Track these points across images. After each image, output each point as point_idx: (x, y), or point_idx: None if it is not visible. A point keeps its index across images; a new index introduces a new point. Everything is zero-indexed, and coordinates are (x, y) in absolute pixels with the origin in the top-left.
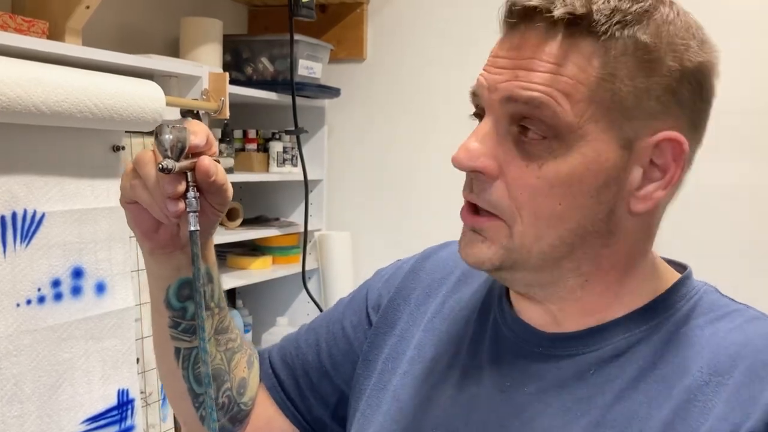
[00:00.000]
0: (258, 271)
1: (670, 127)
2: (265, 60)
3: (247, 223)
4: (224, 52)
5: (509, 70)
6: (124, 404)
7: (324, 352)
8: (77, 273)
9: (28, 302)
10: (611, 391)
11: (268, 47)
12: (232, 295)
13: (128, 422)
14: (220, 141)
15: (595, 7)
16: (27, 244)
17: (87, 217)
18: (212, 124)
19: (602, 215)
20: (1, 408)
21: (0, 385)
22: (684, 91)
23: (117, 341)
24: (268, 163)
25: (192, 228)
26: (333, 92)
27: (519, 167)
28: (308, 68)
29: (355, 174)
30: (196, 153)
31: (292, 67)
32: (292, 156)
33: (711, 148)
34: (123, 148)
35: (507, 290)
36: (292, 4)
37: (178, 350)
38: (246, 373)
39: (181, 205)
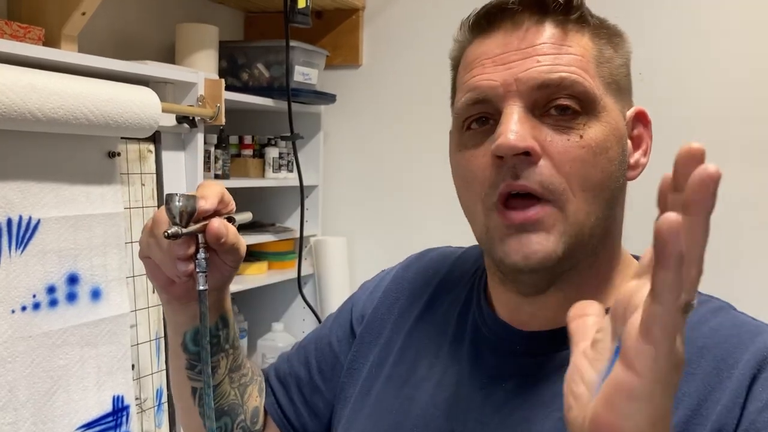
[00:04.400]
0: (253, 276)
1: (632, 102)
2: (260, 66)
3: (243, 228)
4: (220, 59)
5: (520, 60)
6: (119, 410)
7: (314, 368)
8: (72, 279)
9: (23, 309)
10: None
11: (264, 53)
12: None
13: (123, 428)
14: (216, 147)
15: None
16: (22, 251)
17: (82, 223)
18: (208, 130)
19: (621, 182)
20: None
21: None
22: (631, 68)
23: (112, 347)
24: (263, 169)
25: (201, 287)
26: (329, 98)
27: (561, 142)
28: (304, 74)
29: (350, 180)
30: (208, 216)
31: (288, 73)
32: (288, 162)
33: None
34: (119, 154)
35: (485, 291)
36: (288, 10)
37: (194, 390)
38: (258, 401)
39: (191, 265)
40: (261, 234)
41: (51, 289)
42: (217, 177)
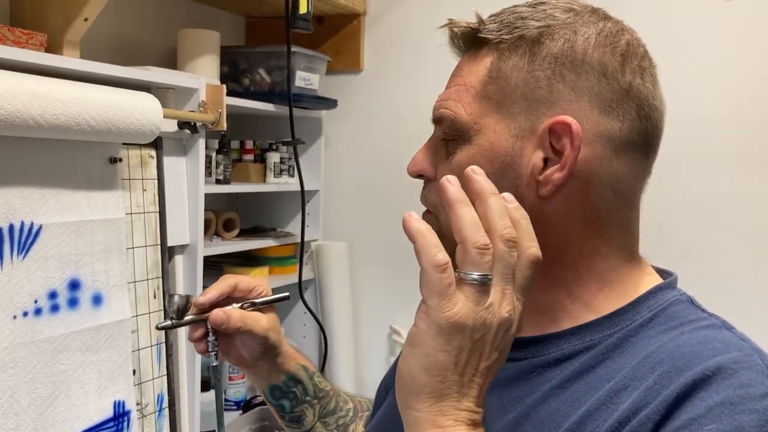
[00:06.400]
0: None
1: (566, 112)
2: (262, 71)
3: (244, 233)
4: (221, 64)
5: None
6: (120, 416)
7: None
8: (74, 285)
9: (25, 314)
10: (543, 390)
11: (266, 59)
12: None
13: None
14: (217, 152)
15: (488, 20)
16: (24, 256)
17: (84, 229)
18: (209, 135)
19: (523, 199)
20: None
21: None
22: (569, 75)
23: (113, 353)
24: (265, 174)
25: (213, 363)
26: (330, 103)
27: (444, 165)
28: (305, 79)
29: (351, 184)
30: (211, 306)
31: (289, 78)
32: (289, 166)
33: (716, 158)
34: (120, 160)
35: None
36: (290, 16)
37: None
38: None
39: (201, 345)
40: (262, 239)
41: (53, 295)
42: (218, 182)
